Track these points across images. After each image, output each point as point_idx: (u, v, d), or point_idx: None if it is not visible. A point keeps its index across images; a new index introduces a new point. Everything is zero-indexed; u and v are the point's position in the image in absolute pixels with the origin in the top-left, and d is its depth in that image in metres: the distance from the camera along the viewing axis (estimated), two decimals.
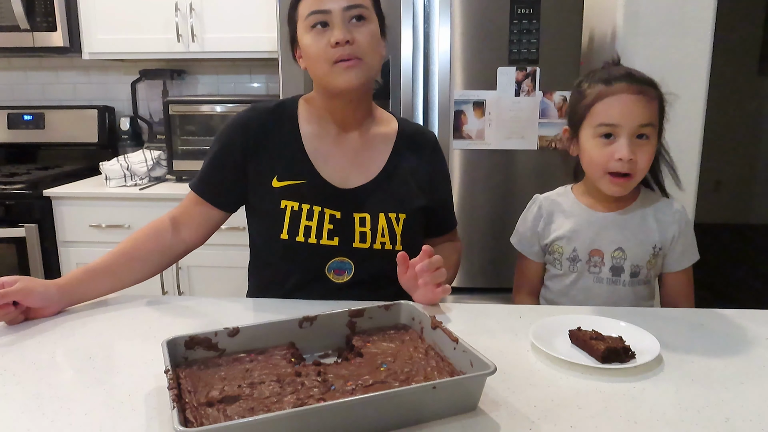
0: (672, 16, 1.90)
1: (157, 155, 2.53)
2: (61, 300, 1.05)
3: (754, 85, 4.96)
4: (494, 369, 0.71)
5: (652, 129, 1.13)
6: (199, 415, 0.69)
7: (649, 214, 1.21)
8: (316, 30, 1.10)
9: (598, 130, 1.14)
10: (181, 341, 0.81)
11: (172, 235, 1.19)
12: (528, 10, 1.91)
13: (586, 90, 1.18)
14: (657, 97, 1.15)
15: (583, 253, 1.22)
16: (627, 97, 1.12)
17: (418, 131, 1.28)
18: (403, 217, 1.18)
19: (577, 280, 1.23)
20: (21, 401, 0.76)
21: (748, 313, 1.06)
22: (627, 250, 1.20)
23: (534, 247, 1.30)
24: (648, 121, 1.12)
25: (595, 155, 1.15)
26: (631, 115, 1.12)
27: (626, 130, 1.12)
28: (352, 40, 1.08)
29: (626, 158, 1.11)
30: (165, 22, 2.47)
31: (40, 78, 2.94)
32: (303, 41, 1.13)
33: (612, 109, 1.13)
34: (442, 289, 1.05)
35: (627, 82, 1.14)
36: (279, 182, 1.16)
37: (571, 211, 1.25)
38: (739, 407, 0.75)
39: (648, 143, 1.14)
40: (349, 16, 1.10)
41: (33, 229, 2.33)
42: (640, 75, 1.17)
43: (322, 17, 1.09)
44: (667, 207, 1.22)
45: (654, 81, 1.17)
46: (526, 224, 1.31)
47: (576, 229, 1.23)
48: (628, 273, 1.20)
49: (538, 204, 1.30)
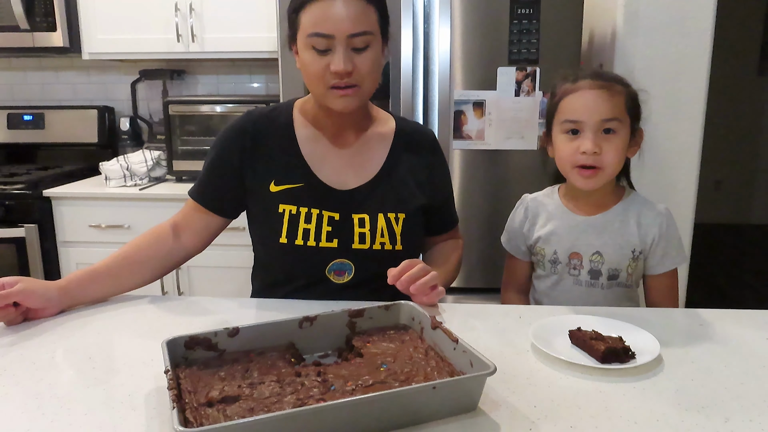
0: (672, 16, 1.90)
1: (156, 155, 2.53)
2: (61, 301, 1.05)
3: (754, 85, 4.96)
4: (494, 369, 0.71)
5: (617, 123, 1.14)
6: (199, 415, 0.69)
7: (630, 217, 1.21)
8: (316, 51, 1.06)
9: (564, 126, 1.17)
10: (181, 341, 0.81)
11: (173, 241, 1.19)
12: (528, 10, 1.91)
13: (556, 89, 1.21)
14: (623, 93, 1.16)
15: (563, 255, 1.23)
16: (589, 92, 1.14)
17: (416, 130, 1.28)
18: (403, 217, 1.18)
19: (558, 281, 1.24)
20: (21, 401, 0.76)
21: (748, 313, 1.06)
22: (605, 255, 1.20)
23: (521, 247, 1.31)
24: (611, 115, 1.13)
25: (563, 150, 1.18)
26: (593, 109, 1.13)
27: (589, 125, 1.13)
28: (353, 70, 1.06)
29: (590, 151, 1.12)
30: (165, 22, 2.47)
31: (40, 78, 2.94)
32: (302, 54, 1.10)
33: (575, 105, 1.15)
34: (436, 293, 1.05)
35: (591, 78, 1.16)
36: (276, 186, 1.16)
37: (554, 213, 1.26)
38: (739, 407, 0.75)
39: (615, 137, 1.14)
40: (353, 44, 1.06)
41: (33, 229, 2.33)
42: (607, 73, 1.20)
43: (325, 43, 1.05)
44: (649, 210, 1.21)
45: (622, 78, 1.19)
46: (514, 224, 1.33)
47: (556, 232, 1.24)
48: (606, 276, 1.20)
49: (525, 205, 1.31)
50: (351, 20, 1.05)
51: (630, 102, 1.16)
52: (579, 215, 1.23)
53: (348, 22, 1.04)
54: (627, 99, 1.16)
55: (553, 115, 1.20)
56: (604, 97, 1.14)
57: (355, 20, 1.05)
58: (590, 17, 2.09)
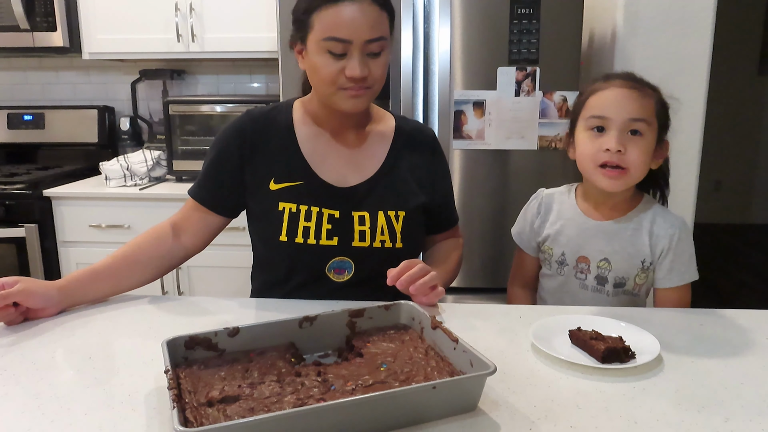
0: (672, 16, 1.91)
1: (157, 155, 2.53)
2: (61, 301, 1.05)
3: (754, 85, 4.96)
4: (494, 369, 0.71)
5: (645, 125, 1.11)
6: (199, 415, 0.69)
7: (644, 226, 1.17)
8: (331, 54, 1.06)
9: (589, 123, 1.14)
10: (181, 341, 0.81)
11: (172, 241, 1.19)
12: (528, 10, 1.91)
13: (586, 89, 1.19)
14: (653, 97, 1.14)
15: (570, 258, 1.21)
16: (619, 90, 1.12)
17: (416, 128, 1.28)
18: (403, 215, 1.18)
19: (564, 283, 1.23)
20: (21, 401, 0.76)
21: (748, 313, 1.06)
22: (613, 262, 1.17)
23: (531, 242, 1.30)
24: (640, 115, 1.10)
25: (586, 148, 1.14)
26: (621, 107, 1.10)
27: (616, 123, 1.10)
28: (368, 75, 1.07)
29: (614, 149, 1.09)
30: (165, 22, 2.47)
31: (40, 78, 2.94)
32: (312, 57, 1.08)
33: (603, 101, 1.13)
34: (435, 293, 1.05)
35: (623, 78, 1.14)
36: (276, 185, 1.17)
37: (566, 213, 1.24)
38: (739, 407, 0.75)
39: (641, 139, 1.11)
40: (368, 50, 1.06)
41: (33, 229, 2.33)
42: (640, 78, 1.17)
43: (341, 47, 1.05)
44: (664, 221, 1.17)
45: (655, 86, 1.16)
46: (526, 218, 1.31)
47: (566, 234, 1.22)
48: (612, 284, 1.18)
49: (539, 200, 1.29)
50: (369, 26, 1.05)
51: (660, 107, 1.14)
52: (591, 219, 1.20)
53: (366, 28, 1.05)
54: (657, 103, 1.13)
55: (579, 112, 1.17)
56: (634, 97, 1.11)
57: (373, 26, 1.05)
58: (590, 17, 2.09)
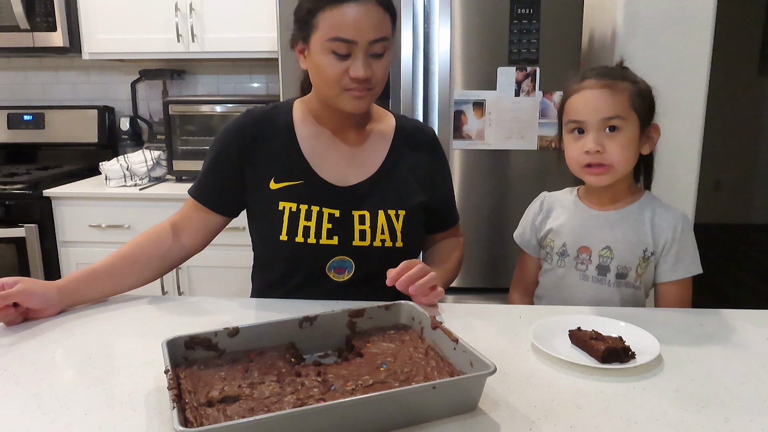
0: (672, 16, 1.90)
1: (157, 155, 2.53)
2: (61, 301, 1.05)
3: (754, 85, 4.96)
4: (494, 369, 0.71)
5: (621, 121, 1.13)
6: (199, 415, 0.69)
7: (645, 216, 1.20)
8: (336, 55, 1.06)
9: (569, 126, 1.18)
10: (181, 341, 0.81)
11: (172, 240, 1.19)
12: (528, 10, 1.91)
13: (564, 89, 1.22)
14: (628, 90, 1.15)
15: (572, 248, 1.22)
16: (590, 92, 1.15)
17: (416, 127, 1.28)
18: (403, 214, 1.18)
19: (564, 275, 1.23)
20: (21, 401, 0.76)
21: (748, 313, 1.06)
22: (615, 251, 1.19)
23: (532, 241, 1.31)
24: (613, 113, 1.13)
25: (570, 150, 1.19)
26: (594, 109, 1.14)
27: (591, 125, 1.14)
28: (372, 76, 1.08)
29: (593, 150, 1.13)
30: (165, 22, 2.47)
31: (40, 78, 2.94)
32: (316, 57, 1.08)
33: (577, 105, 1.16)
34: (435, 294, 1.06)
35: (594, 77, 1.16)
36: (276, 184, 1.17)
37: (568, 206, 1.26)
38: (739, 407, 0.75)
39: (619, 134, 1.14)
40: (372, 51, 1.07)
41: (33, 229, 2.33)
42: (616, 69, 1.19)
43: (346, 48, 1.05)
44: (666, 212, 1.20)
45: (631, 75, 1.18)
46: (527, 219, 1.32)
47: (568, 224, 1.23)
48: (614, 273, 1.19)
49: (541, 200, 1.32)
50: (373, 27, 1.05)
51: (637, 98, 1.15)
52: (593, 209, 1.23)
53: (371, 29, 1.05)
54: (633, 95, 1.15)
55: (561, 116, 1.21)
56: (606, 96, 1.14)
57: (377, 27, 1.06)
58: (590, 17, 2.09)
